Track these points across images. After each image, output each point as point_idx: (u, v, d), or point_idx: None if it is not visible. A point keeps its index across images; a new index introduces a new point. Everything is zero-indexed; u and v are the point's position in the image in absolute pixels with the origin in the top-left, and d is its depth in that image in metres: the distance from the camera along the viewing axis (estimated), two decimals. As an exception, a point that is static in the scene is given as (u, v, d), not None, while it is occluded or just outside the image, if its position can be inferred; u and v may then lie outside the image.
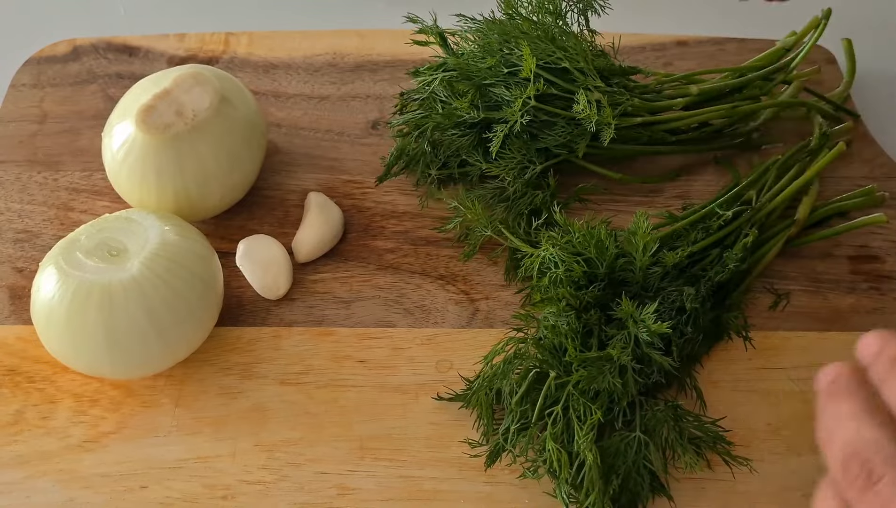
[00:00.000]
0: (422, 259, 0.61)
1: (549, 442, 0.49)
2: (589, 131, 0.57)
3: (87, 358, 0.52)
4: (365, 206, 0.63)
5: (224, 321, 0.57)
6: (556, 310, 0.51)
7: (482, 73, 0.59)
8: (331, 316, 0.58)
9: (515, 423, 0.50)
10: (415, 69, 0.62)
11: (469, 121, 0.59)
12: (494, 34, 0.59)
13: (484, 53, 0.59)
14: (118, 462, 0.52)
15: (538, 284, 0.53)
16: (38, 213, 0.63)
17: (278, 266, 0.59)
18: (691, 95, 0.62)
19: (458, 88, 0.59)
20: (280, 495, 0.51)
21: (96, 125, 0.66)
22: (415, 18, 0.61)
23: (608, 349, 0.49)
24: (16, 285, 0.60)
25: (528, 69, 0.56)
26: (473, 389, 0.53)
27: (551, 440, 0.49)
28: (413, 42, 0.62)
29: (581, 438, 0.48)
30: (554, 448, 0.48)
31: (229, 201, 0.61)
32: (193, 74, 0.58)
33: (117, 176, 0.58)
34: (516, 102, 0.57)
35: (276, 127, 0.68)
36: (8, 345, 0.57)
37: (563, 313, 0.51)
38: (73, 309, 0.50)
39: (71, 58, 0.72)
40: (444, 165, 0.62)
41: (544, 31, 0.58)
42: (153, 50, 0.73)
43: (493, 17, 0.60)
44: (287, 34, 0.73)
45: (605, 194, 0.63)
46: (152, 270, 0.51)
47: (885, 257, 0.60)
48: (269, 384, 0.55)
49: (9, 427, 0.54)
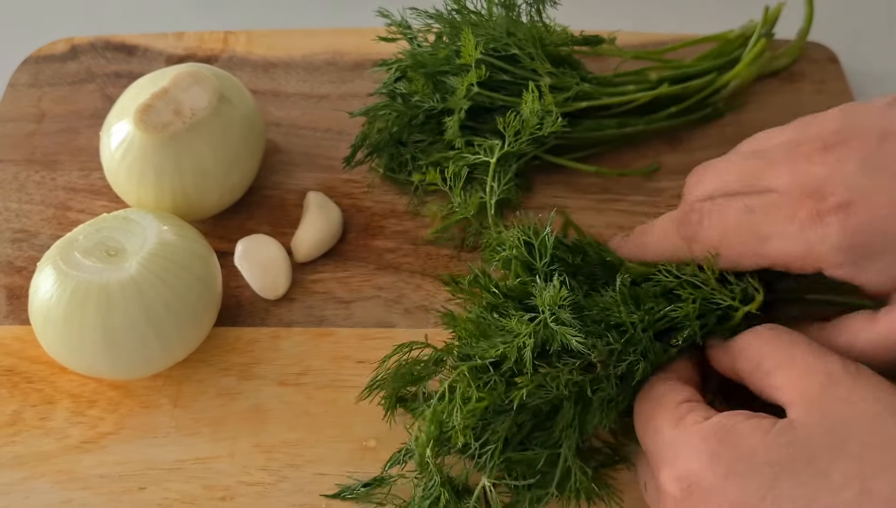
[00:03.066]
0: (422, 259, 0.60)
1: (430, 419, 0.46)
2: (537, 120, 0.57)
3: (85, 358, 0.51)
4: (364, 205, 0.63)
5: (223, 322, 0.57)
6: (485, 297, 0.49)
7: (436, 63, 0.60)
8: (330, 316, 0.58)
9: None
10: (381, 61, 0.63)
11: (427, 111, 0.60)
12: (446, 26, 0.60)
13: (437, 45, 0.61)
14: (116, 463, 0.52)
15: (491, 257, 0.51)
16: (36, 212, 0.63)
17: (277, 266, 0.59)
18: (651, 81, 0.63)
19: (412, 77, 0.60)
20: (279, 496, 0.51)
21: (94, 124, 0.66)
22: (386, 13, 0.61)
23: (507, 321, 0.46)
24: (13, 285, 0.60)
25: (468, 55, 0.57)
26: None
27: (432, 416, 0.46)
28: (379, 38, 0.62)
29: (458, 420, 0.45)
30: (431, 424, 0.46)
31: (228, 200, 0.60)
32: (192, 72, 0.58)
33: (115, 175, 0.58)
34: (460, 89, 0.57)
35: (275, 126, 0.68)
36: (6, 345, 0.57)
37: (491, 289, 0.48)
38: (70, 309, 0.50)
39: (69, 57, 0.72)
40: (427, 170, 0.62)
41: (491, 20, 0.60)
42: (151, 49, 0.72)
43: (446, 10, 0.61)
44: (286, 33, 0.73)
45: (605, 194, 0.63)
46: (150, 270, 0.51)
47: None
48: (268, 384, 0.55)
49: (7, 428, 0.54)
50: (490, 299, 0.49)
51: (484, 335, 0.47)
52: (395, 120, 0.60)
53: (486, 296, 0.49)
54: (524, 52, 0.59)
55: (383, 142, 0.61)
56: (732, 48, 0.67)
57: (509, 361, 0.46)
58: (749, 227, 0.47)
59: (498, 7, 0.61)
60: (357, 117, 0.63)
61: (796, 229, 0.45)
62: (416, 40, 0.62)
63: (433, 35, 0.62)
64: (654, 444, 0.44)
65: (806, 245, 0.45)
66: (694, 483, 0.41)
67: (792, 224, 0.45)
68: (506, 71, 0.60)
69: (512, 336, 0.46)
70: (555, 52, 0.61)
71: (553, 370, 0.46)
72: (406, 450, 0.50)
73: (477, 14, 0.61)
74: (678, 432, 0.43)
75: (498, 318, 0.48)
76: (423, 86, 0.59)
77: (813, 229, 0.45)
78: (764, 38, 0.66)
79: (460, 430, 0.45)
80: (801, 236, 0.45)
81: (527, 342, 0.45)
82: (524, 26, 0.60)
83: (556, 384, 0.46)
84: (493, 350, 0.46)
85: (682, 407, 0.44)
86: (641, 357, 0.47)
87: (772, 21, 0.67)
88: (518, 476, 0.48)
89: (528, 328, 0.45)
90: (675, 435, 0.43)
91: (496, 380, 0.46)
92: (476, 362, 0.46)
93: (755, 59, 0.65)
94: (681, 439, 0.43)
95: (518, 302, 0.48)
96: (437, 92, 0.60)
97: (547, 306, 0.46)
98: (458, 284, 0.51)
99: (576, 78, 0.61)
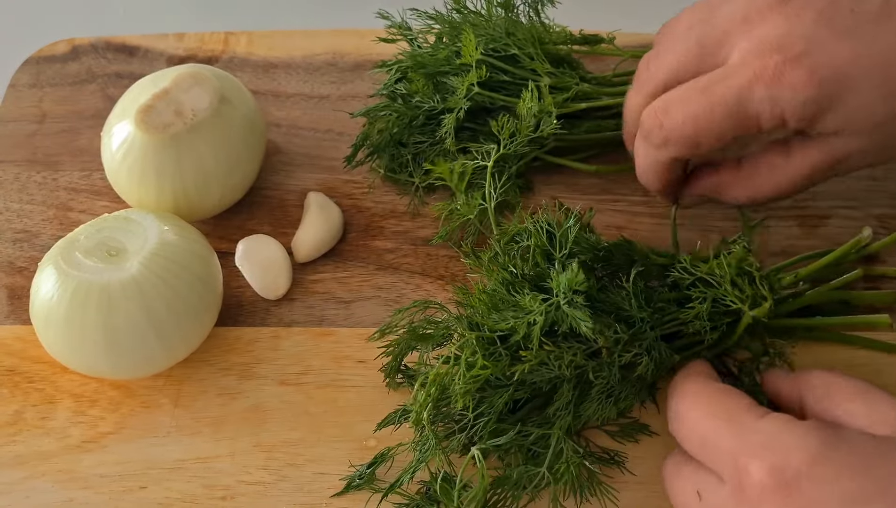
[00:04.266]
0: (422, 259, 0.61)
1: (429, 385, 0.47)
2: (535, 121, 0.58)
3: (86, 358, 0.52)
4: (365, 206, 0.63)
5: (223, 322, 0.57)
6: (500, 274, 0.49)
7: (437, 63, 0.60)
8: (330, 316, 0.58)
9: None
10: (382, 62, 0.63)
11: (428, 112, 0.60)
12: (446, 26, 0.60)
13: (437, 46, 0.61)
14: (117, 463, 0.52)
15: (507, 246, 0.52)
16: (37, 213, 0.63)
17: (278, 266, 0.59)
18: None
19: (412, 78, 0.60)
20: (279, 495, 0.51)
21: (95, 125, 0.66)
22: (386, 14, 0.61)
23: (521, 298, 0.47)
24: (15, 285, 0.60)
25: (468, 55, 0.57)
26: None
27: (431, 383, 0.47)
28: (379, 40, 0.62)
29: (459, 385, 0.46)
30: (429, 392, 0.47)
31: (229, 200, 0.60)
32: (193, 73, 0.58)
33: (116, 176, 0.58)
34: (460, 89, 0.58)
35: (276, 127, 0.68)
36: (7, 345, 0.57)
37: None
38: (71, 309, 0.50)
39: (70, 57, 0.72)
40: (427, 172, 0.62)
41: (491, 20, 0.60)
42: (152, 49, 0.73)
43: (446, 11, 0.61)
44: (286, 34, 0.73)
45: (604, 194, 0.63)
46: (151, 270, 0.51)
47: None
48: (268, 384, 0.55)
49: (8, 427, 0.54)
50: (506, 276, 0.49)
51: (496, 308, 0.48)
52: (395, 121, 0.61)
53: (502, 274, 0.49)
54: (524, 53, 0.60)
55: (384, 143, 0.62)
56: None
57: (517, 335, 0.46)
58: (713, 103, 0.48)
59: (497, 7, 0.61)
60: (357, 118, 0.63)
61: (763, 89, 0.46)
62: (416, 41, 0.62)
63: (433, 36, 0.62)
64: (735, 435, 0.42)
65: (772, 101, 0.46)
66: (798, 475, 0.39)
67: (759, 84, 0.46)
68: (505, 71, 0.60)
69: (524, 313, 0.46)
70: (554, 51, 0.62)
71: (558, 350, 0.46)
72: (403, 411, 0.51)
73: (476, 14, 0.61)
74: (769, 423, 0.42)
75: (511, 294, 0.48)
76: (424, 86, 0.60)
77: (779, 85, 0.46)
78: None
79: (460, 394, 0.46)
80: (768, 94, 0.46)
81: (537, 320, 0.46)
82: (523, 26, 0.61)
83: (559, 364, 0.46)
84: (504, 324, 0.47)
85: (759, 407, 0.43)
86: (646, 352, 0.48)
87: None
88: (510, 450, 0.49)
89: (540, 306, 0.46)
90: (767, 425, 0.42)
91: (502, 352, 0.47)
92: (485, 332, 0.47)
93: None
94: (777, 429, 0.41)
95: (533, 284, 0.49)
96: (438, 93, 0.60)
97: (562, 289, 0.46)
98: (478, 257, 0.52)
99: (575, 78, 0.61)
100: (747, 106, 0.47)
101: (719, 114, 0.48)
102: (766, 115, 0.47)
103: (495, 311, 0.48)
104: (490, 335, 0.47)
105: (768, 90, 0.46)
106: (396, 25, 0.62)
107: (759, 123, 0.47)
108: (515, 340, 0.47)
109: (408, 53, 0.61)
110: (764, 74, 0.46)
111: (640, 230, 0.61)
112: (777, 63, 0.46)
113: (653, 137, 0.51)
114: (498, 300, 0.48)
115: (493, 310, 0.48)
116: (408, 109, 0.60)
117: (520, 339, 0.46)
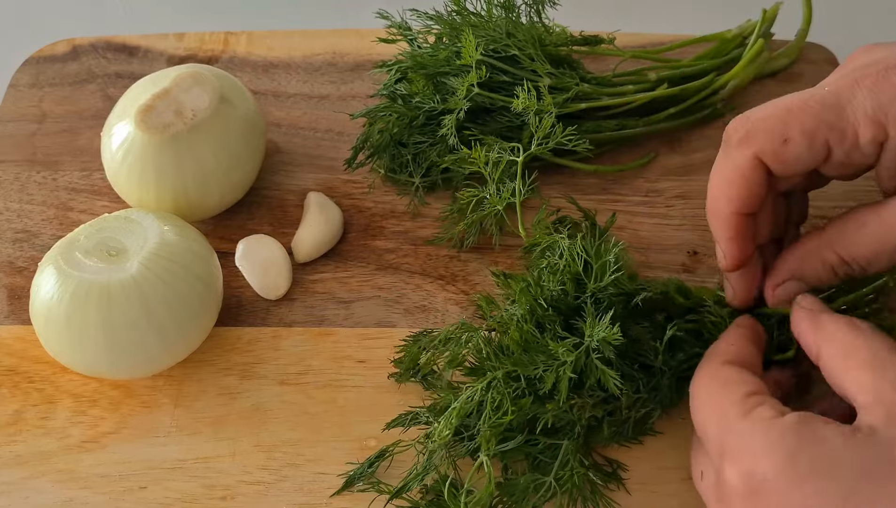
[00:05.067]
0: (422, 259, 0.61)
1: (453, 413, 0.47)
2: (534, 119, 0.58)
3: (87, 358, 0.52)
4: (365, 206, 0.63)
5: (224, 321, 0.57)
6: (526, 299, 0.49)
7: (437, 64, 0.60)
8: (330, 316, 0.58)
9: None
10: (382, 62, 0.63)
11: (428, 112, 0.60)
12: (445, 28, 0.60)
13: (437, 46, 0.61)
14: (117, 463, 0.52)
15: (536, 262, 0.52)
16: (37, 213, 0.63)
17: (278, 266, 0.59)
18: (650, 81, 0.63)
19: (412, 78, 0.60)
20: (279, 495, 0.51)
21: (95, 125, 0.66)
22: (386, 15, 0.61)
23: (553, 343, 0.47)
24: (15, 285, 0.60)
25: (468, 55, 0.57)
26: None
27: (455, 414, 0.47)
28: (379, 40, 0.62)
29: (487, 428, 0.46)
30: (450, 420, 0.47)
31: (229, 200, 0.60)
32: (193, 73, 0.58)
33: (116, 176, 0.58)
34: (460, 90, 0.58)
35: (276, 127, 0.68)
36: (7, 345, 0.57)
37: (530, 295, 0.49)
38: (72, 309, 0.50)
39: (70, 57, 0.72)
40: (427, 173, 0.62)
41: (491, 21, 0.60)
42: (152, 49, 0.73)
43: (446, 12, 0.61)
44: (286, 34, 0.73)
45: (604, 195, 0.63)
46: (151, 270, 0.51)
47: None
48: (268, 384, 0.55)
49: (8, 427, 0.54)
50: (536, 307, 0.49)
51: (526, 349, 0.48)
52: (395, 121, 0.61)
53: (531, 303, 0.49)
54: (524, 53, 0.60)
55: (384, 143, 0.62)
56: (730, 48, 0.67)
57: (547, 385, 0.46)
58: (810, 95, 0.45)
59: (497, 8, 0.61)
60: (357, 118, 0.63)
61: (866, 89, 0.44)
62: (417, 42, 0.62)
63: (433, 36, 0.62)
64: (719, 431, 0.43)
65: (875, 101, 0.43)
66: (764, 481, 0.39)
67: (861, 85, 0.44)
68: (506, 72, 0.60)
69: (554, 362, 0.47)
70: (554, 52, 0.62)
71: (580, 401, 0.47)
72: (413, 415, 0.51)
73: (477, 15, 0.61)
74: (748, 424, 0.41)
75: (541, 336, 0.48)
76: (424, 87, 0.60)
77: (883, 85, 0.43)
78: (762, 38, 0.66)
79: (485, 440, 0.46)
80: (870, 95, 0.43)
81: (567, 371, 0.46)
82: (524, 27, 0.61)
83: (580, 415, 0.47)
84: (533, 369, 0.47)
85: (751, 399, 0.43)
86: (659, 405, 0.49)
87: (770, 21, 0.67)
88: (517, 458, 0.49)
89: (570, 356, 0.46)
90: (745, 427, 0.41)
91: (525, 391, 0.47)
92: (510, 368, 0.47)
93: (753, 60, 0.66)
94: (752, 432, 0.41)
95: (562, 316, 0.49)
96: (438, 93, 0.60)
97: (595, 340, 0.46)
98: (507, 279, 0.52)
99: (575, 78, 0.61)
100: (846, 106, 0.44)
101: (814, 108, 0.44)
102: (866, 119, 0.44)
103: (524, 353, 0.48)
104: (517, 374, 0.47)
105: (871, 91, 0.43)
106: (396, 26, 0.62)
107: (855, 130, 0.44)
108: (543, 389, 0.47)
109: (408, 54, 0.61)
110: (868, 77, 0.44)
111: (640, 230, 0.61)
112: (882, 68, 0.44)
113: (733, 135, 0.46)
114: (528, 334, 0.48)
115: (523, 350, 0.48)
116: (408, 109, 0.60)
117: (548, 388, 0.47)
